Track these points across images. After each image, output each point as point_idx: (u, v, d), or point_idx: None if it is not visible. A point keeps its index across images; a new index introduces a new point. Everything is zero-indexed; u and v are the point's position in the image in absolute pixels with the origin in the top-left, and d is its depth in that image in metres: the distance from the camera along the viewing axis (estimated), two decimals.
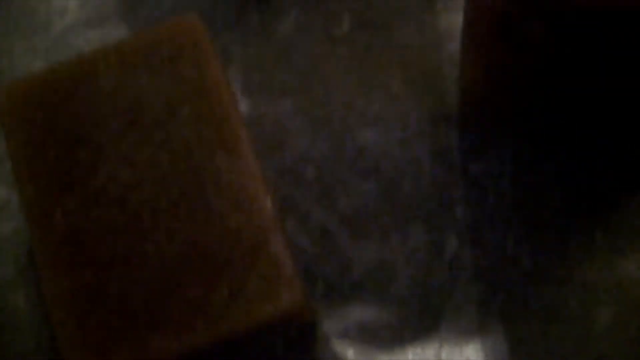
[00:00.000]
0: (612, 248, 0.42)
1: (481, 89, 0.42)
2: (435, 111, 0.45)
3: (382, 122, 0.45)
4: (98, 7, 0.49)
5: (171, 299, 0.39)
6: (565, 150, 0.44)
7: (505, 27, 0.37)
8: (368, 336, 0.42)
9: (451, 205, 0.43)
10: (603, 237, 0.43)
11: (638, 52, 0.37)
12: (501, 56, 0.39)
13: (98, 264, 0.39)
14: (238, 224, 0.39)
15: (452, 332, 0.41)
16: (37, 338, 0.43)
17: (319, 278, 0.43)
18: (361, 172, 0.44)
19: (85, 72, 0.42)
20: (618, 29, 0.35)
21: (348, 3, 0.48)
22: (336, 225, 0.44)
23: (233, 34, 0.47)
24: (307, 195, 0.44)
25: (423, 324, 0.42)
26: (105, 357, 0.38)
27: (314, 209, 0.44)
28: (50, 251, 0.40)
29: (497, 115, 0.43)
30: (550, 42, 0.37)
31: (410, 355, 0.41)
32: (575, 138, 0.44)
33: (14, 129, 0.41)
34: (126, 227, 0.40)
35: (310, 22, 0.48)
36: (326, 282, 0.43)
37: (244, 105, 0.46)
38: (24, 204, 0.40)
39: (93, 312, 0.39)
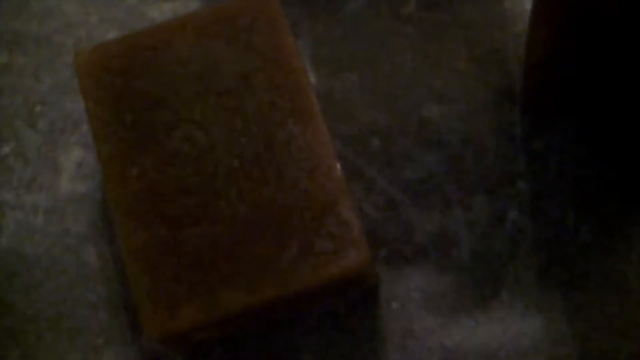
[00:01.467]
0: None
1: (547, 68, 0.43)
2: (499, 88, 0.46)
3: (447, 97, 0.46)
4: None
5: (242, 255, 0.40)
6: (628, 131, 0.45)
7: (577, 5, 0.38)
8: (428, 301, 0.43)
9: (513, 179, 0.45)
10: None
11: None
12: (571, 36, 0.39)
13: (172, 220, 0.41)
14: (308, 187, 0.41)
15: (513, 300, 0.42)
16: (108, 291, 0.44)
17: (382, 243, 0.44)
18: (425, 144, 0.46)
19: (161, 39, 0.44)
20: None
21: None
22: (400, 194, 0.45)
23: (303, 9, 0.49)
24: (373, 164, 0.45)
25: (483, 291, 0.43)
26: (177, 309, 0.40)
27: (379, 177, 0.45)
28: (126, 207, 0.41)
29: (561, 95, 0.44)
30: (623, 21, 0.38)
31: (471, 322, 0.42)
32: (635, 116, 0.44)
33: (92, 91, 0.43)
34: (200, 187, 0.41)
35: (377, 1, 0.49)
36: (389, 247, 0.44)
37: (313, 78, 0.47)
38: (102, 163, 0.42)
39: (166, 265, 0.40)
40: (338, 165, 0.41)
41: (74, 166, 0.47)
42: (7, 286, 0.45)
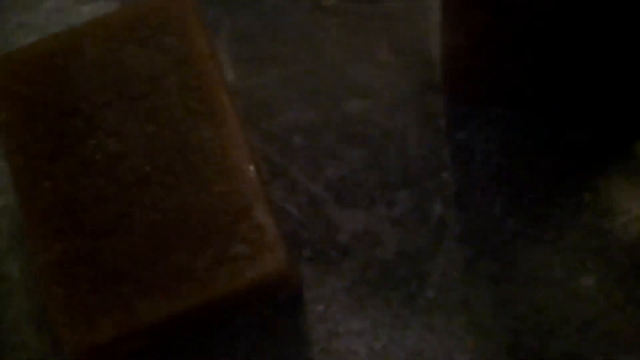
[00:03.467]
0: (600, 211, 0.42)
1: (462, 56, 0.42)
2: (421, 79, 0.45)
3: (370, 91, 0.45)
4: None
5: (158, 264, 0.39)
6: (552, 115, 0.44)
7: None
8: (354, 303, 0.42)
9: (437, 171, 0.44)
10: (591, 199, 0.43)
11: (614, 15, 0.37)
12: (481, 21, 0.39)
13: (86, 231, 0.40)
14: (222, 191, 0.40)
15: (439, 295, 0.42)
16: (30, 305, 0.43)
17: (306, 243, 0.43)
18: (348, 140, 0.45)
19: (72, 45, 0.43)
20: None
21: None
22: (323, 192, 0.44)
23: (222, 5, 0.48)
24: (295, 162, 0.44)
25: (410, 290, 0.42)
26: (95, 322, 0.39)
27: (302, 176, 0.44)
28: (38, 219, 0.40)
29: (481, 83, 0.43)
30: (531, 6, 0.37)
31: (398, 323, 0.42)
32: (560, 103, 0.43)
33: (4, 103, 0.42)
34: (114, 196, 0.40)
35: None
36: (313, 247, 0.43)
37: (233, 76, 0.46)
38: (13, 174, 0.41)
39: (81, 278, 0.39)
40: (252, 168, 0.40)
41: None
42: None
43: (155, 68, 0.42)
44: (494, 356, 0.41)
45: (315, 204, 0.44)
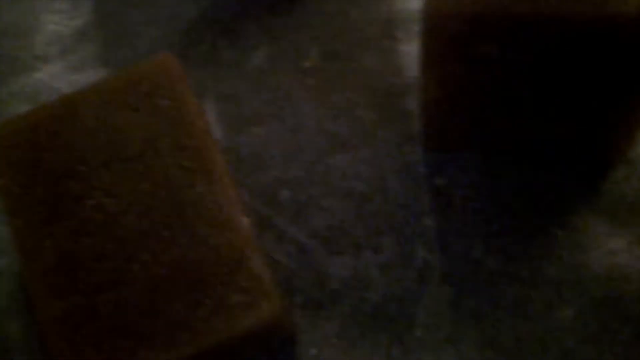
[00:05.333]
0: (573, 246, 0.45)
1: (441, 107, 0.45)
2: (399, 130, 0.48)
3: (350, 144, 0.48)
4: (78, 52, 0.52)
5: (158, 315, 0.41)
6: (525, 159, 0.47)
7: (460, 49, 0.40)
8: (345, 346, 0.44)
9: (419, 217, 0.46)
10: (564, 235, 0.45)
11: (585, 65, 0.40)
12: (458, 76, 0.41)
13: (88, 288, 0.42)
14: (218, 244, 0.42)
15: (426, 334, 0.44)
16: None
17: (297, 291, 0.45)
18: (333, 192, 0.47)
19: (67, 111, 0.45)
20: (564, 45, 0.39)
21: (315, 36, 0.51)
22: (311, 242, 0.46)
23: (207, 69, 0.50)
24: (283, 214, 0.47)
25: (398, 331, 0.44)
26: None
27: (290, 227, 0.46)
28: (41, 278, 0.42)
29: (457, 130, 0.46)
30: (504, 61, 0.40)
31: None
32: (533, 146, 0.46)
33: (3, 169, 0.44)
34: (113, 252, 0.42)
35: (279, 56, 0.51)
36: (304, 294, 0.45)
37: (219, 135, 0.49)
38: (15, 236, 0.43)
39: (85, 333, 0.41)
40: (245, 220, 0.42)
41: None
42: None
43: (149, 130, 0.44)
44: None
45: (304, 253, 0.46)
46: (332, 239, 0.46)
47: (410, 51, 0.50)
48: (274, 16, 0.52)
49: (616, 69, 0.39)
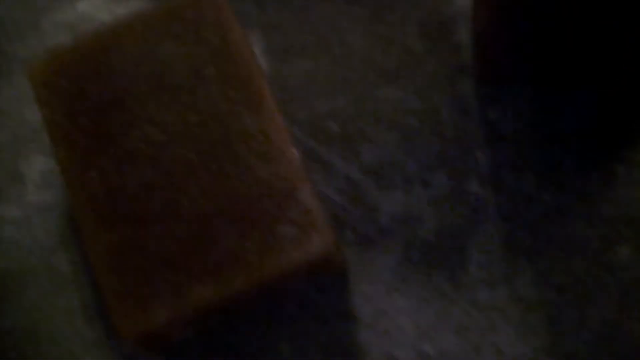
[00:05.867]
0: (632, 182, 0.44)
1: (492, 38, 0.43)
2: (450, 62, 0.47)
3: (400, 76, 0.47)
4: None
5: (207, 249, 0.40)
6: (582, 91, 0.45)
7: None
8: (398, 282, 0.43)
9: (471, 151, 0.45)
10: (623, 170, 0.44)
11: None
12: (508, 6, 0.40)
13: (136, 220, 0.41)
14: (267, 175, 0.41)
15: (480, 271, 0.43)
16: (82, 298, 0.44)
17: (347, 226, 0.44)
18: (382, 125, 0.46)
19: (111, 41, 0.44)
20: None
21: None
22: (361, 176, 0.45)
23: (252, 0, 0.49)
24: (331, 149, 0.46)
25: (452, 267, 0.43)
26: (148, 308, 0.40)
27: (339, 161, 0.45)
28: (89, 210, 0.41)
29: (511, 62, 0.45)
30: None
31: (443, 301, 0.43)
32: (589, 78, 0.45)
33: (48, 99, 0.43)
34: (160, 184, 0.41)
35: None
36: (354, 230, 0.44)
37: (266, 66, 0.48)
38: (61, 168, 0.42)
39: (134, 265, 0.40)
40: (295, 151, 0.41)
41: (38, 175, 0.47)
42: None
43: (194, 60, 0.43)
44: (537, 327, 0.42)
45: (354, 188, 0.45)
46: (383, 173, 0.45)
47: None
48: None
49: None
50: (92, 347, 0.44)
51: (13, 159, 0.47)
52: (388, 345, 0.43)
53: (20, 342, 0.44)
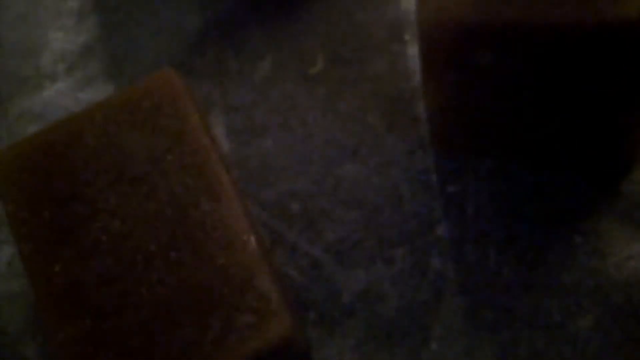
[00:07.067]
0: (591, 252, 0.44)
1: (445, 114, 0.44)
2: (410, 137, 0.47)
3: (360, 153, 0.47)
4: (85, 69, 0.51)
5: (166, 339, 0.40)
6: (539, 162, 0.45)
7: (454, 57, 0.39)
8: (362, 358, 0.43)
9: (432, 226, 0.45)
10: (582, 241, 0.44)
11: (586, 70, 0.38)
12: (456, 83, 0.40)
13: (96, 312, 0.41)
14: (225, 263, 0.41)
15: (442, 347, 0.43)
16: None
17: (310, 306, 0.44)
18: (343, 203, 0.46)
19: (72, 133, 0.44)
20: (562, 51, 0.37)
21: (320, 42, 0.50)
22: (323, 255, 0.45)
23: (213, 81, 0.50)
24: (294, 228, 0.46)
25: (414, 345, 0.43)
26: None
27: (301, 240, 0.46)
28: (51, 303, 0.42)
29: (466, 136, 0.45)
30: (502, 68, 0.39)
31: None
32: (544, 149, 0.45)
33: (10, 192, 0.44)
34: (120, 275, 0.42)
35: (285, 64, 0.50)
36: (317, 309, 0.44)
37: (228, 147, 0.48)
38: (24, 261, 0.43)
39: (94, 357, 0.41)
40: (253, 238, 0.41)
41: (4, 266, 0.47)
42: None
43: (153, 149, 0.44)
44: None
45: (317, 267, 0.45)
46: (344, 252, 0.45)
47: (418, 54, 0.49)
48: (278, 24, 0.51)
49: (618, 73, 0.38)
50: None
51: None
52: None
53: None
